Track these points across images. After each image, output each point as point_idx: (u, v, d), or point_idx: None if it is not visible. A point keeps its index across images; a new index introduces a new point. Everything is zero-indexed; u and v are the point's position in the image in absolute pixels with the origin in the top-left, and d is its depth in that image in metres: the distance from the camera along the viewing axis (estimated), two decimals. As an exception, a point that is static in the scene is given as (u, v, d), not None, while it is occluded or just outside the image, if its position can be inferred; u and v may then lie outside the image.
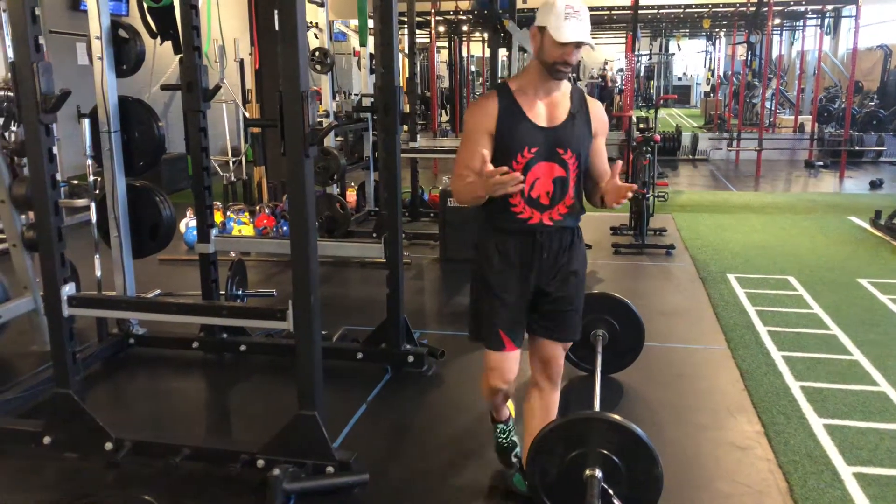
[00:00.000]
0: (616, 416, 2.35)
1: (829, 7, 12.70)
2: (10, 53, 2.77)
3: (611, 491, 2.24)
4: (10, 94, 3.48)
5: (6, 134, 4.01)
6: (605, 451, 2.26)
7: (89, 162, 3.89)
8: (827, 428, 3.10)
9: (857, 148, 11.49)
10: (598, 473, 2.24)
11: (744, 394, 3.46)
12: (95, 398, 3.48)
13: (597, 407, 2.99)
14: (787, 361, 3.81)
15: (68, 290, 2.91)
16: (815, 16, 13.50)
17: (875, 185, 9.48)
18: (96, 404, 3.21)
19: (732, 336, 4.18)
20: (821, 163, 11.40)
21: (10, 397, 3.32)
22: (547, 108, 2.27)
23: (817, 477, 2.73)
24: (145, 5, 3.45)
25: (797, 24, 14.86)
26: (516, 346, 2.38)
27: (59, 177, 2.86)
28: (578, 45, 2.14)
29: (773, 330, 4.27)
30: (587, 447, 2.28)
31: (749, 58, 14.15)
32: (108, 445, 2.83)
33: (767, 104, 13.52)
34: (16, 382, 3.52)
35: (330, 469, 2.67)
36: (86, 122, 3.74)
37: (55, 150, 2.83)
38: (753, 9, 11.90)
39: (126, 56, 3.55)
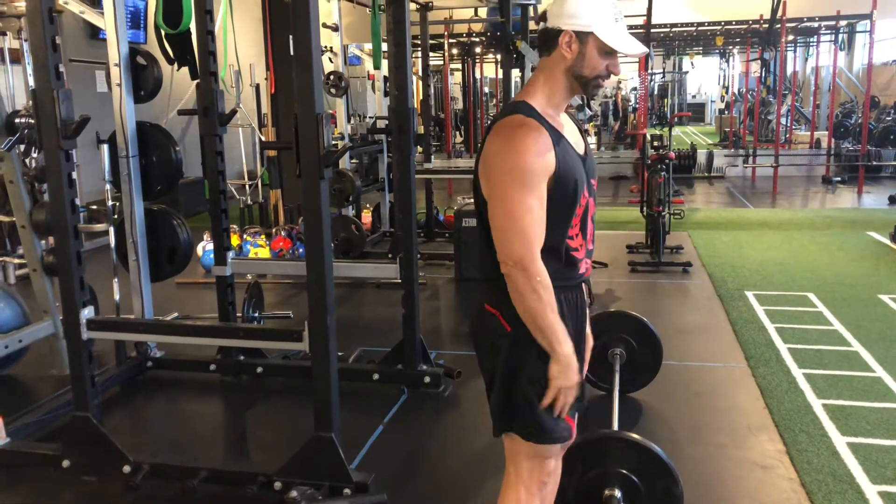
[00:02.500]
0: (635, 436, 2.33)
1: (843, 23, 12.67)
2: (32, 81, 2.82)
3: (630, 511, 2.22)
4: (32, 120, 3.53)
5: (27, 160, 4.07)
6: (625, 471, 2.24)
7: (108, 187, 3.95)
8: (850, 446, 3.05)
9: (874, 163, 11.41)
10: (618, 493, 2.22)
11: (764, 412, 3.42)
12: (114, 421, 3.49)
13: (615, 426, 2.96)
14: (809, 379, 3.76)
15: (87, 313, 2.94)
16: (828, 31, 13.46)
17: (894, 199, 9.38)
18: (115, 427, 3.22)
19: (752, 353, 4.13)
20: (838, 178, 11.32)
21: (30, 421, 3.34)
22: (572, 131, 1.84)
23: (841, 496, 2.69)
24: (163, 32, 3.51)
25: (811, 40, 14.82)
26: None
27: (78, 202, 2.90)
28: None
29: (793, 347, 4.22)
30: (606, 467, 2.26)
31: (763, 74, 14.12)
32: (127, 468, 2.84)
33: (783, 120, 13.46)
34: (35, 406, 3.55)
35: (347, 491, 2.65)
36: (104, 147, 3.80)
37: (74, 175, 2.87)
38: (766, 25, 11.89)
39: (144, 82, 3.60)
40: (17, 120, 3.63)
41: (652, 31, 10.66)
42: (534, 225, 1.68)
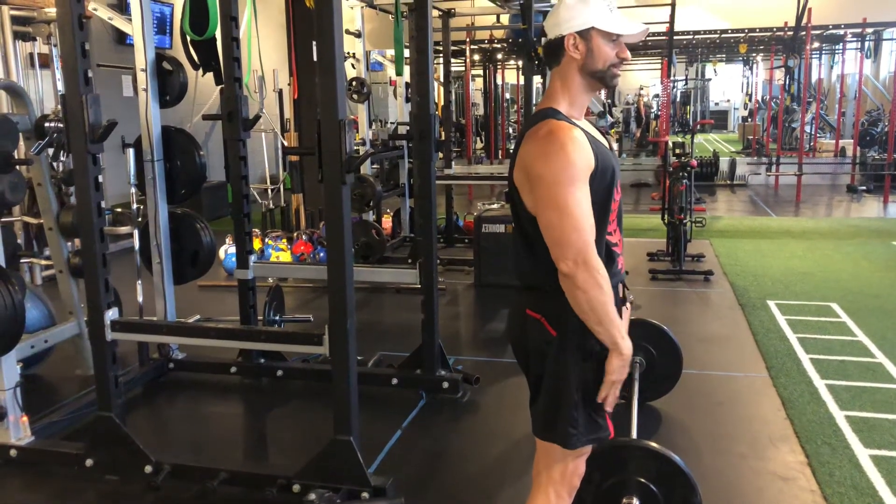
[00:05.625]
0: (654, 444, 2.31)
1: (870, 30, 12.51)
2: (61, 86, 2.87)
3: (649, 520, 2.21)
4: (60, 124, 3.60)
5: (54, 164, 4.13)
6: (643, 480, 2.23)
7: (133, 190, 4.00)
8: (874, 459, 3.01)
9: (901, 172, 11.23)
10: (636, 502, 2.21)
11: (786, 423, 3.38)
12: (136, 421, 3.53)
13: (634, 434, 2.94)
14: (831, 390, 3.72)
15: (111, 315, 2.98)
16: (854, 39, 13.30)
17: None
18: (137, 427, 3.26)
19: (773, 363, 4.09)
20: (863, 187, 11.18)
21: (55, 420, 3.39)
22: (595, 132, 1.88)
23: (864, 509, 2.65)
24: (188, 38, 3.55)
25: (836, 47, 14.66)
26: None
27: (104, 205, 2.94)
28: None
29: (815, 358, 4.17)
30: (624, 475, 2.25)
31: (787, 82, 13.99)
32: (148, 468, 2.87)
33: (807, 128, 13.31)
34: (60, 405, 3.60)
35: (365, 495, 2.66)
36: (130, 151, 3.85)
37: (101, 178, 2.91)
38: (791, 33, 11.79)
39: (170, 87, 3.66)
40: (45, 124, 3.68)
41: (675, 38, 10.61)
42: (587, 219, 1.70)
